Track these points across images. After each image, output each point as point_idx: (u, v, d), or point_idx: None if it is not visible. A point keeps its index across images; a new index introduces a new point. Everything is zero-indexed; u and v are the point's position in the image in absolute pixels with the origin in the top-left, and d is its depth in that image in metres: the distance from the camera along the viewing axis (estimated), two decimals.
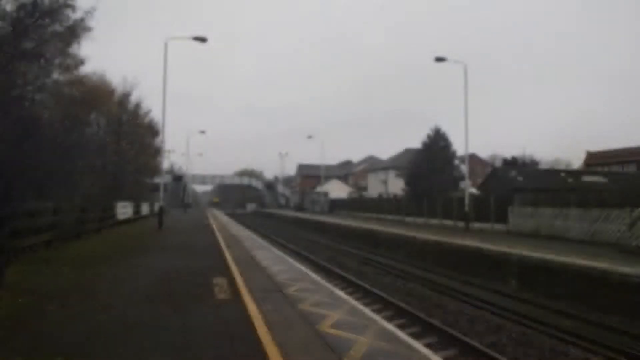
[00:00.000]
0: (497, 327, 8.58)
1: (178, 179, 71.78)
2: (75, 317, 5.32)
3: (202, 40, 20.92)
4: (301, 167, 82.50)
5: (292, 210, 60.92)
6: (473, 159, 60.53)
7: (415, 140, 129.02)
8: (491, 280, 13.35)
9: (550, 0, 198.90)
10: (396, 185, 47.77)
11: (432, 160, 32.56)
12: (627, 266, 10.23)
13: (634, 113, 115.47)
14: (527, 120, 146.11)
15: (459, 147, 34.88)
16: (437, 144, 33.80)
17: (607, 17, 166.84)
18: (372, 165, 70.36)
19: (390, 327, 5.37)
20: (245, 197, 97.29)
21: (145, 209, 31.62)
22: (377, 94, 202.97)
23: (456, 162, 36.09)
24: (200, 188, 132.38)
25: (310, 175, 75.62)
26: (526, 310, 9.83)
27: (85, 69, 23.40)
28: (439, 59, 23.23)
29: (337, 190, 61.43)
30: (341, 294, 7.24)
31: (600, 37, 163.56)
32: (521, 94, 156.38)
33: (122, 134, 30.16)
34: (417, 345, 4.70)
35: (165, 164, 58.95)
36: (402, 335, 5.03)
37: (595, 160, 36.05)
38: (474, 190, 30.76)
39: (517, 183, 23.78)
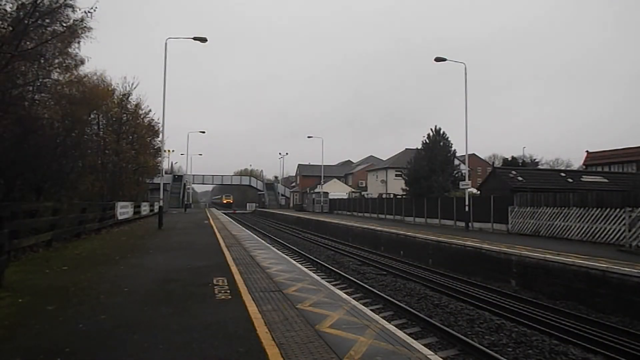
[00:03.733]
0: (497, 326, 8.58)
1: (178, 179, 71.77)
2: (75, 317, 5.31)
3: (202, 40, 20.91)
4: (301, 167, 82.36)
5: (292, 210, 60.91)
6: (473, 159, 60.56)
7: (415, 140, 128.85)
8: (491, 280, 13.36)
9: (551, 2, 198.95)
10: (396, 185, 47.72)
11: (432, 160, 32.47)
12: (627, 266, 10.23)
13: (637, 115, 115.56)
14: (528, 120, 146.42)
15: (459, 147, 34.89)
16: (437, 144, 33.71)
17: (609, 18, 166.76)
18: (372, 165, 70.31)
19: (390, 327, 5.36)
20: (245, 197, 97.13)
21: (145, 209, 31.61)
22: (377, 94, 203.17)
23: (456, 162, 36.02)
24: (200, 188, 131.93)
25: (310, 175, 75.46)
26: (526, 310, 9.84)
27: (85, 69, 23.45)
28: (439, 59, 23.22)
29: (337, 190, 61.35)
30: (341, 293, 7.23)
31: (603, 38, 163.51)
32: (521, 95, 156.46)
33: (122, 134, 30.12)
34: (417, 345, 4.69)
35: (165, 164, 59.00)
36: (402, 335, 5.03)
37: (595, 160, 35.96)
38: (474, 190, 30.73)
39: (517, 183, 23.73)
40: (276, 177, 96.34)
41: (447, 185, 31.86)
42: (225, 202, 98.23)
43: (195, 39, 20.83)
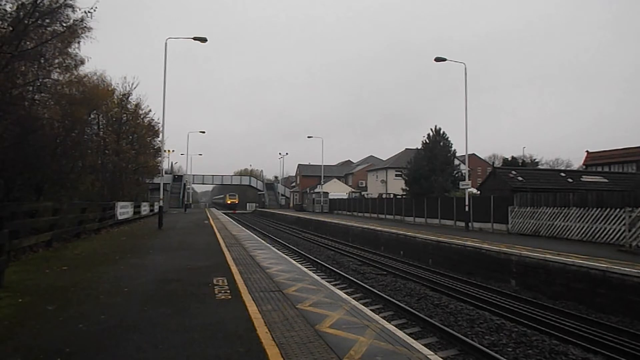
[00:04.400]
0: (497, 326, 8.57)
1: (178, 179, 71.75)
2: (75, 317, 5.31)
3: (203, 40, 20.91)
4: (301, 167, 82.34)
5: (292, 210, 60.90)
6: (473, 159, 60.51)
7: (415, 140, 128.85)
8: (491, 280, 13.36)
9: (551, 2, 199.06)
10: (396, 185, 47.70)
11: (432, 160, 32.47)
12: (627, 266, 10.22)
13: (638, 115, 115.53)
14: (528, 120, 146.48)
15: (459, 147, 34.91)
16: (437, 144, 33.71)
17: (609, 18, 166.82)
18: (372, 165, 70.28)
19: (390, 327, 5.36)
20: (245, 197, 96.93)
21: (145, 209, 31.61)
22: (377, 94, 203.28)
23: (456, 162, 36.02)
24: (200, 188, 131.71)
25: (310, 175, 75.47)
26: (526, 310, 9.84)
27: (85, 69, 23.48)
28: (439, 59, 23.20)
29: (337, 190, 61.34)
30: (341, 293, 7.23)
31: (603, 38, 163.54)
32: (521, 95, 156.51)
33: (122, 134, 30.14)
34: (417, 345, 4.69)
35: (165, 164, 59.01)
36: (402, 335, 5.03)
37: (595, 160, 35.91)
38: (474, 190, 30.71)
39: (517, 183, 23.72)
40: (276, 177, 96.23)
41: (447, 185, 31.85)
42: (229, 202, 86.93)
43: (195, 39, 20.84)
